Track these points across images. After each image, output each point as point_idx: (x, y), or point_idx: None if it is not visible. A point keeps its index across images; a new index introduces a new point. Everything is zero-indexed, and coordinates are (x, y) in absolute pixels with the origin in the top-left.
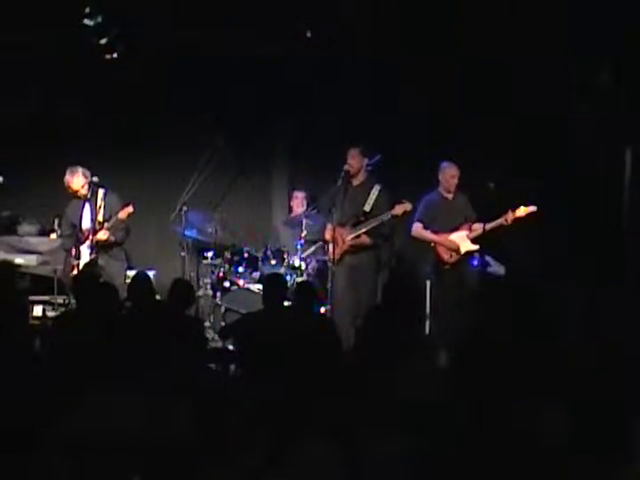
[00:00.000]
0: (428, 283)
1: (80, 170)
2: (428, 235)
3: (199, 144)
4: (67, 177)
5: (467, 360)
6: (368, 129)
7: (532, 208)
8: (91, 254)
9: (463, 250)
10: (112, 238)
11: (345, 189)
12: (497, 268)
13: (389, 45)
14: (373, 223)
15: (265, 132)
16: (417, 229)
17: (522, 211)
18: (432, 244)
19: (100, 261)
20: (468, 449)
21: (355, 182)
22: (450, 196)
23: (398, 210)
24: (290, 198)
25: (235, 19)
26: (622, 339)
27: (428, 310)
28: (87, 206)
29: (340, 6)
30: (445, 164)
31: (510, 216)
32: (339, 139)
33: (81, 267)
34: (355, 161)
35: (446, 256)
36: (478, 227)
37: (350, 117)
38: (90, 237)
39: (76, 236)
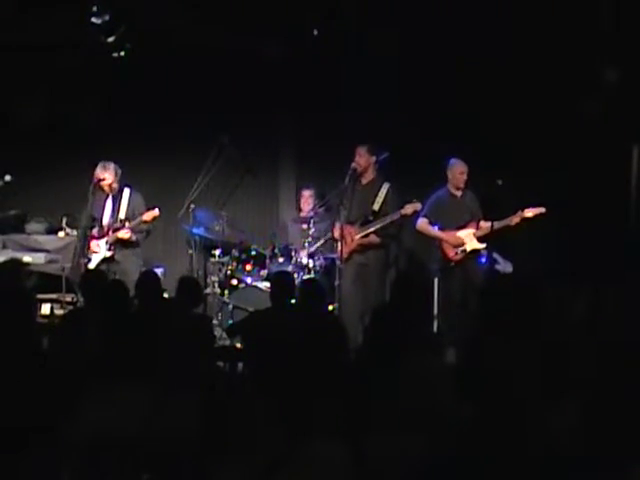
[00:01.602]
0: (436, 281)
1: (112, 165)
2: (432, 231)
3: (206, 143)
4: (98, 170)
5: (472, 358)
6: (375, 126)
7: (541, 209)
8: (108, 249)
9: (469, 248)
10: (133, 238)
11: (353, 187)
12: (505, 265)
13: (394, 43)
14: (382, 222)
15: (272, 130)
16: (422, 224)
17: (531, 212)
18: (438, 241)
19: (117, 256)
20: (475, 448)
21: (364, 181)
22: (458, 193)
23: (408, 210)
24: (298, 196)
25: (244, 18)
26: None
27: (436, 308)
28: (109, 202)
29: (344, 4)
30: (453, 161)
31: (518, 216)
32: (346, 137)
33: (98, 262)
34: (363, 159)
35: (451, 253)
36: (485, 225)
37: (357, 114)
38: (110, 233)
39: (92, 229)
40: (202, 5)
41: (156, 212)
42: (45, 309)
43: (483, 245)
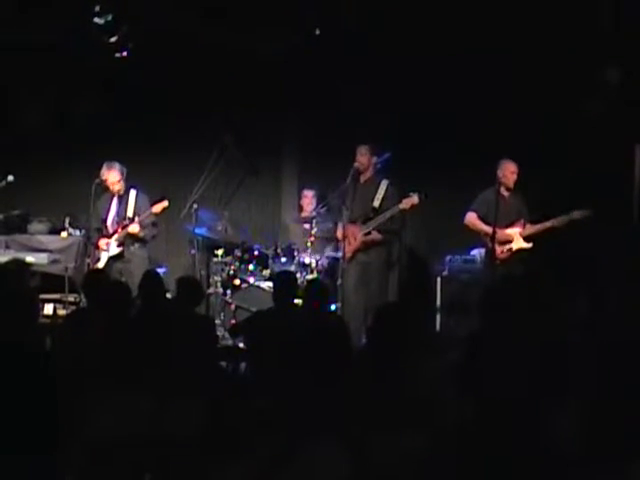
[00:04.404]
0: (439, 280)
1: (117, 165)
2: (481, 225)
3: (209, 143)
4: (103, 170)
5: (474, 357)
6: (377, 127)
7: (589, 212)
8: (118, 246)
9: (515, 247)
10: (141, 234)
11: (354, 186)
12: None
13: (397, 43)
14: (382, 218)
15: (274, 130)
16: (470, 218)
17: (579, 214)
18: (484, 237)
19: (125, 254)
20: (476, 447)
21: (363, 179)
22: (507, 193)
23: (406, 204)
24: (300, 196)
25: (246, 16)
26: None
27: (439, 306)
28: (115, 203)
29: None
30: (504, 161)
31: (566, 218)
32: (349, 137)
33: (106, 260)
34: (365, 158)
35: (498, 251)
36: (532, 227)
37: (359, 115)
38: (119, 230)
39: (101, 231)
40: (204, 4)
41: (165, 203)
42: (48, 309)
43: (529, 245)
